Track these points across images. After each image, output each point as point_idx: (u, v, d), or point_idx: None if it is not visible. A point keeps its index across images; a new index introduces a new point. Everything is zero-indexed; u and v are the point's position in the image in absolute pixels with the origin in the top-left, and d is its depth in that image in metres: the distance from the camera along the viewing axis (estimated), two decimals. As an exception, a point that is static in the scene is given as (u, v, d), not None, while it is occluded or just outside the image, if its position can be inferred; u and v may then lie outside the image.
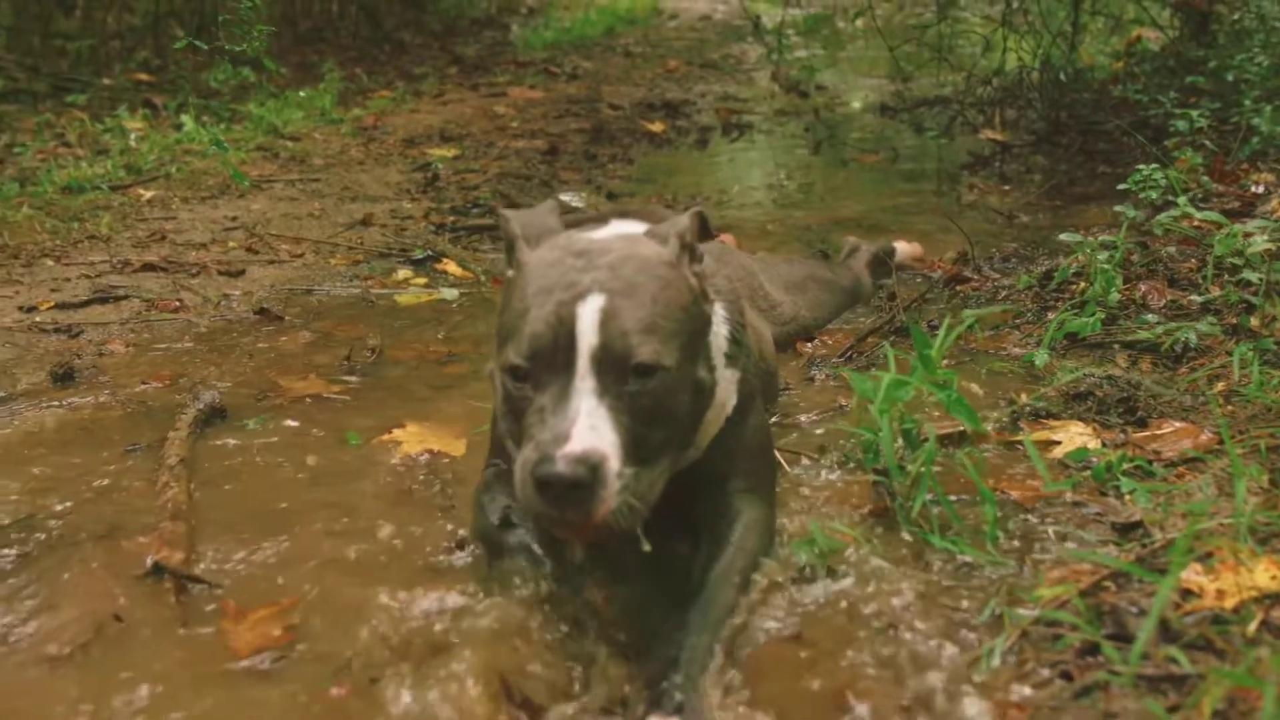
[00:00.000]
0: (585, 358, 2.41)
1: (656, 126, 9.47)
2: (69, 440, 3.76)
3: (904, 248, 5.59)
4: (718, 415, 2.90)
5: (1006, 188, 7.13)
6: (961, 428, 3.19)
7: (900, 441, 3.07)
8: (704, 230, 2.74)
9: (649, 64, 13.38)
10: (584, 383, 2.41)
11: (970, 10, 10.65)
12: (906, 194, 7.18)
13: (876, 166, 8.11)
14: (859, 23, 10.01)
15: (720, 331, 2.90)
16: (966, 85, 8.76)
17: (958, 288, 4.92)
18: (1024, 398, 3.66)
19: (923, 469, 2.96)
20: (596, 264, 2.55)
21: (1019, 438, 3.34)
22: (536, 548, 2.71)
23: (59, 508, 3.25)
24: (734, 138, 9.35)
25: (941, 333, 3.11)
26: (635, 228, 2.87)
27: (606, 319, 2.44)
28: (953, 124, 8.78)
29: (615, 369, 2.42)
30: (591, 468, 2.31)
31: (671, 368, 2.47)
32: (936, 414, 3.27)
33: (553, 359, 2.44)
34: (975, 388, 3.75)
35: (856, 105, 10.44)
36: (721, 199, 7.20)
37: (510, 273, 2.77)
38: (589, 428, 2.34)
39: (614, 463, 2.34)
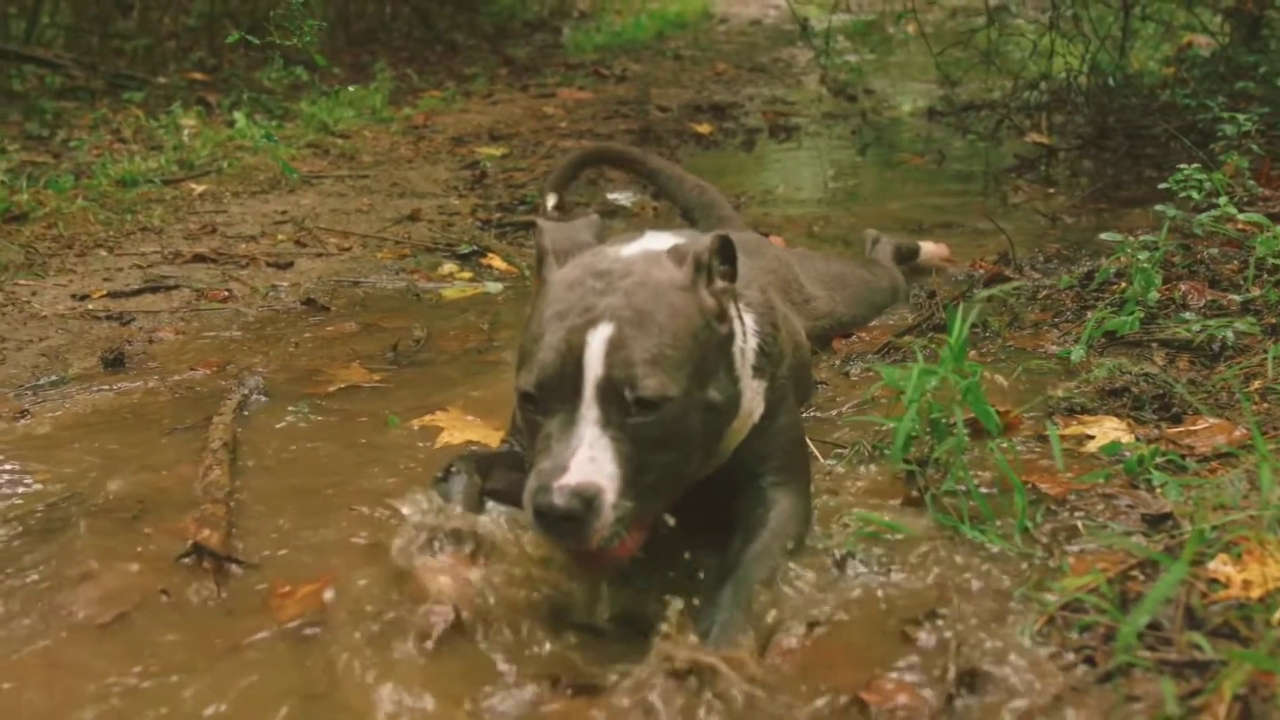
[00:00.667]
0: (590, 387, 2.46)
1: (704, 128, 9.51)
2: (117, 422, 3.85)
3: (930, 248, 5.59)
4: (743, 424, 2.94)
5: (1052, 190, 7.12)
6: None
7: (930, 431, 3.10)
8: (727, 257, 2.77)
9: (698, 67, 13.42)
10: (589, 412, 2.46)
11: (1020, 15, 10.62)
12: (952, 195, 7.18)
13: (923, 169, 8.11)
14: (910, 28, 9.99)
15: (750, 344, 2.93)
16: (1013, 89, 8.75)
17: (998, 287, 4.93)
18: (1059, 392, 3.67)
19: (951, 458, 2.99)
20: (614, 287, 2.59)
21: (1046, 430, 3.36)
22: (455, 501, 2.77)
23: (104, 486, 3.33)
24: (781, 140, 9.38)
25: (959, 321, 3.14)
26: (667, 241, 2.90)
27: (613, 349, 2.48)
28: (999, 128, 8.77)
29: (619, 400, 2.46)
30: (586, 501, 2.37)
31: (677, 397, 2.50)
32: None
33: (560, 386, 2.49)
34: (1001, 379, 3.77)
35: (905, 109, 10.44)
36: (767, 199, 7.23)
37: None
38: (588, 460, 2.40)
39: (610, 495, 2.39)
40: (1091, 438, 3.37)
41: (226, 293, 5.23)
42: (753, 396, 2.95)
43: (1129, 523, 2.86)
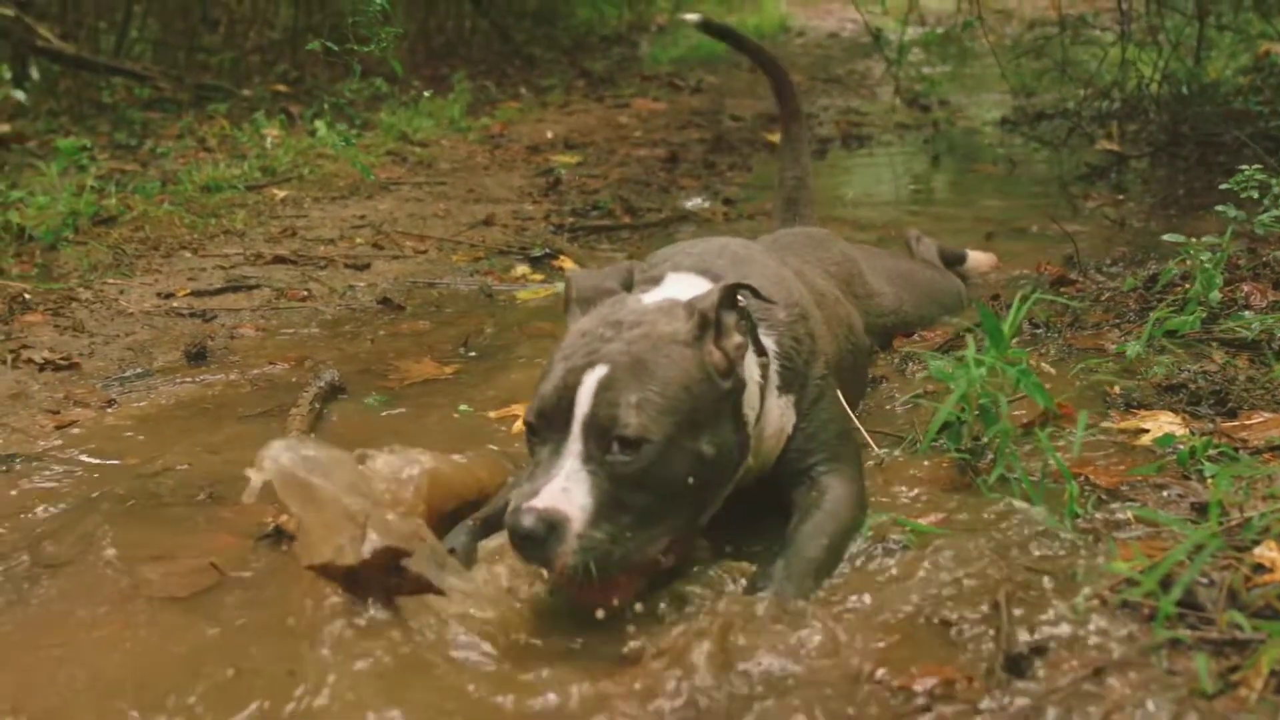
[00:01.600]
0: (578, 423, 2.58)
1: (776, 137, 9.55)
2: (198, 412, 4.01)
3: (979, 257, 5.59)
4: (778, 437, 3.08)
5: (1122, 197, 7.12)
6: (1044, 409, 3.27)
7: (979, 418, 3.17)
8: (754, 295, 2.87)
9: (773, 79, 13.48)
10: (574, 445, 2.58)
11: (1096, 25, 10.60)
12: (1022, 202, 7.20)
13: (994, 177, 8.14)
14: (986, 40, 9.98)
15: (773, 367, 3.03)
16: (1084, 98, 8.74)
17: (1062, 289, 4.97)
18: (1116, 389, 3.72)
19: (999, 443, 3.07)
20: (620, 336, 2.72)
21: (1099, 423, 3.42)
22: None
23: (184, 470, 3.49)
24: (853, 149, 9.43)
25: (1013, 309, 3.21)
26: (690, 286, 3.02)
27: (602, 389, 2.60)
28: (1070, 136, 8.76)
29: (601, 437, 2.58)
30: (549, 525, 2.48)
31: (658, 442, 2.59)
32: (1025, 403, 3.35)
33: (554, 419, 2.62)
34: (1048, 368, 3.85)
35: (978, 120, 10.45)
36: (836, 204, 7.30)
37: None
38: (561, 489, 2.53)
39: (576, 525, 2.50)
40: (1146, 431, 3.42)
41: (305, 292, 5.39)
42: (782, 413, 3.08)
43: (1179, 511, 2.91)
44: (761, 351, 3.00)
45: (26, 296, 5.10)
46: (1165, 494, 3.02)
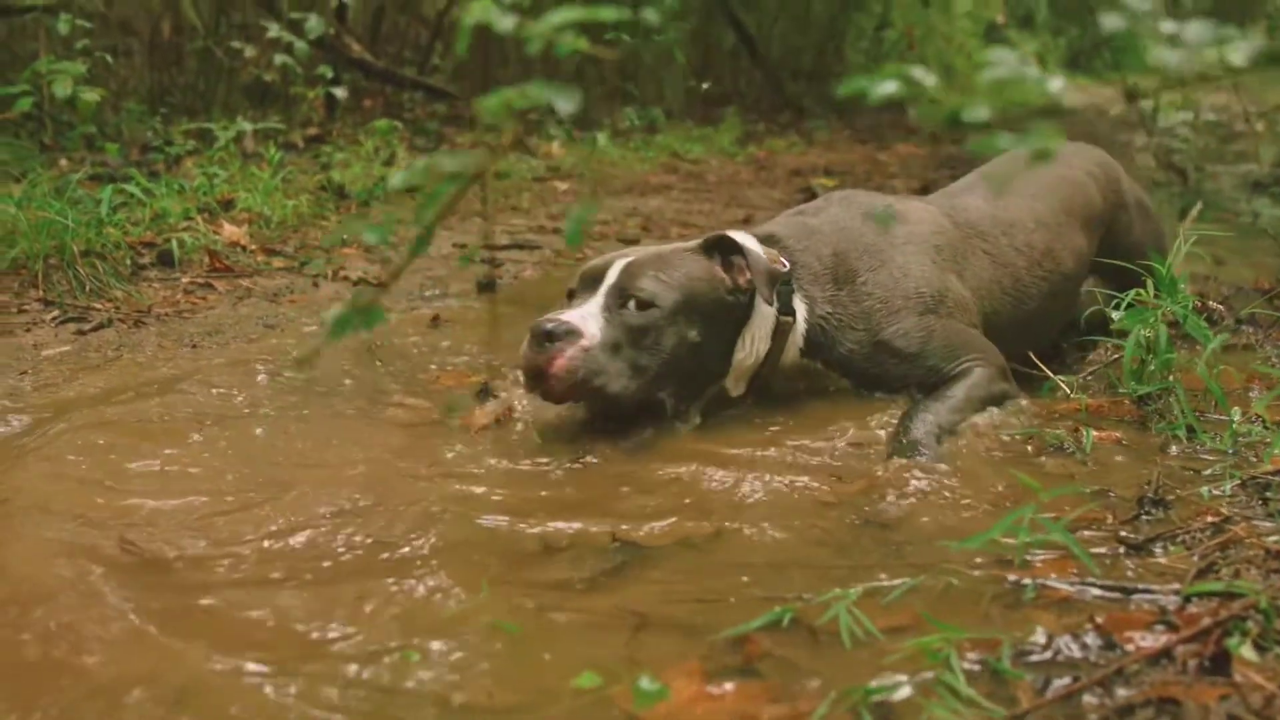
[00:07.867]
0: (605, 285, 3.34)
1: (1027, 183, 9.91)
2: (478, 323, 4.70)
3: None
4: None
5: (1360, 245, 7.28)
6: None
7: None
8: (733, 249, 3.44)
9: (1034, 140, 13.77)
10: (599, 299, 3.31)
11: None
12: (1247, 240, 7.40)
13: (1230, 223, 8.32)
14: (1259, 126, 10.08)
15: (798, 330, 3.57)
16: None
17: (1275, 299, 5.27)
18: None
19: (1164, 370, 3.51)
20: (652, 249, 3.51)
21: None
22: None
23: (454, 351, 4.19)
24: (1101, 197, 9.67)
25: (1174, 249, 3.63)
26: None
27: (628, 266, 3.36)
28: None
29: (621, 296, 3.30)
30: (567, 330, 3.18)
31: (664, 309, 3.28)
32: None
33: (588, 285, 3.39)
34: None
35: (1229, 184, 10.56)
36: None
37: None
38: (580, 317, 3.24)
39: (587, 340, 3.19)
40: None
41: (580, 255, 6.07)
42: (807, 369, 3.63)
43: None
44: (788, 311, 3.54)
45: (344, 236, 5.91)
46: (1321, 426, 3.39)
